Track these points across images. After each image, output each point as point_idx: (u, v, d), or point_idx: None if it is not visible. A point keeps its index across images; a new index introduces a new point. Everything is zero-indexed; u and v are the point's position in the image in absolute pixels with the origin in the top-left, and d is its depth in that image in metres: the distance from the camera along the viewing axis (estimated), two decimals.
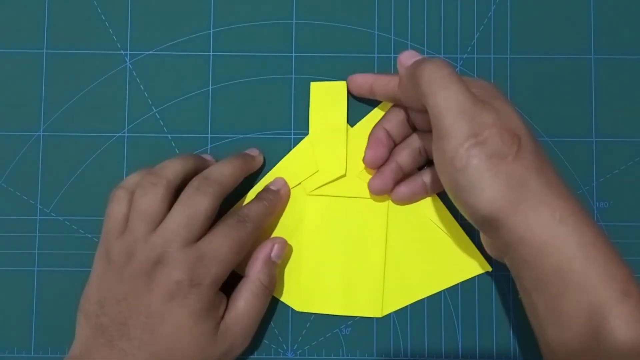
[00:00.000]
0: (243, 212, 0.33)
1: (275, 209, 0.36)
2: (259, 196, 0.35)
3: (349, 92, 0.37)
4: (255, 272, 0.33)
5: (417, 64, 0.30)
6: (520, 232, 0.28)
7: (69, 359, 0.31)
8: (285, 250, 0.35)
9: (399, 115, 0.35)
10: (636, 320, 0.26)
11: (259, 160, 0.36)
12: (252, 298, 0.33)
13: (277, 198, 0.36)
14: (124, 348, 0.30)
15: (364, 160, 0.35)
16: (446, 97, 0.29)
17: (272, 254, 0.34)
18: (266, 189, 0.36)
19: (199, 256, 0.31)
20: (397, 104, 0.36)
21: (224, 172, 0.33)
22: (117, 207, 0.32)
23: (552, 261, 0.27)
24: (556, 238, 0.27)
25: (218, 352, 0.32)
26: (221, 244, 0.31)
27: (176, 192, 0.33)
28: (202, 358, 0.31)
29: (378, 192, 0.36)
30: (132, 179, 0.33)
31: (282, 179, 0.37)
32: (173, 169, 0.33)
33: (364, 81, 0.35)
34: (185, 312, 0.30)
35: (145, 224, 0.31)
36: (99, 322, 0.31)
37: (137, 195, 0.32)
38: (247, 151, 0.36)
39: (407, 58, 0.32)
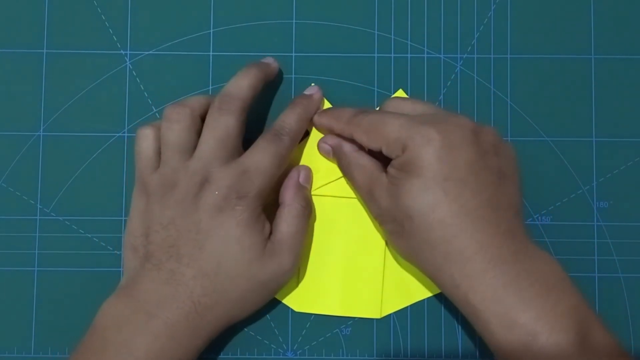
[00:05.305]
0: (279, 125, 0.34)
1: (310, 114, 0.36)
2: (293, 103, 0.35)
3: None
4: (290, 197, 0.34)
5: (337, 158, 0.35)
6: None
7: (118, 290, 0.32)
8: (311, 176, 0.36)
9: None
10: (552, 356, 0.28)
11: (275, 66, 0.36)
12: (293, 219, 0.33)
13: (311, 102, 0.36)
14: (172, 268, 0.31)
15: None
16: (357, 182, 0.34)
17: (301, 179, 0.35)
18: (300, 95, 0.36)
19: (243, 170, 0.32)
20: None
21: (242, 85, 0.33)
22: (145, 144, 0.33)
23: (463, 310, 0.31)
24: (455, 297, 0.31)
25: (266, 272, 0.32)
26: (262, 157, 0.32)
27: (202, 120, 0.33)
28: (248, 276, 0.31)
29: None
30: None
31: (316, 86, 0.36)
32: (196, 99, 0.34)
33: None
34: (234, 222, 0.31)
35: (180, 153, 0.32)
36: (146, 252, 0.31)
37: (164, 129, 0.33)
38: (262, 60, 0.36)
39: (328, 154, 0.36)
